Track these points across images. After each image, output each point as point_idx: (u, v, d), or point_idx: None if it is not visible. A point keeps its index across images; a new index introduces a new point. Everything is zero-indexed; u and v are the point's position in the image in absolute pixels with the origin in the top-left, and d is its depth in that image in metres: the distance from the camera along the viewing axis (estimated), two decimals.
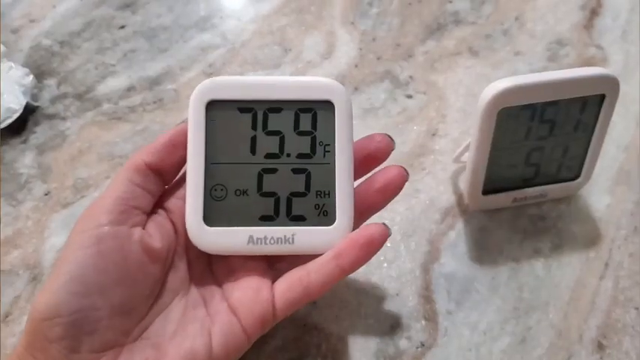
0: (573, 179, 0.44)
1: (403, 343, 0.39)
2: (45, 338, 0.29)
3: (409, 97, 0.52)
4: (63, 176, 0.47)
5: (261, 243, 0.34)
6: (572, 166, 0.43)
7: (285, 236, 0.34)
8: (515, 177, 0.43)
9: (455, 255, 0.43)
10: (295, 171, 0.34)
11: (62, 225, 0.45)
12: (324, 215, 0.34)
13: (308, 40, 0.57)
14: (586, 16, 0.58)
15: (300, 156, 0.34)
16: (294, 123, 0.34)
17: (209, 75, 0.54)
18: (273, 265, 0.35)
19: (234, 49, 0.56)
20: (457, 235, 0.44)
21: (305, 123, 0.35)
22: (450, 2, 0.60)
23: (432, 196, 0.46)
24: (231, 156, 0.34)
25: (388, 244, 0.43)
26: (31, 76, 0.52)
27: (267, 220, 0.34)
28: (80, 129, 0.51)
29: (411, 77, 0.54)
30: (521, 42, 0.56)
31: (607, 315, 0.40)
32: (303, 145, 0.35)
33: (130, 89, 0.53)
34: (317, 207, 0.34)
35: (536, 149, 0.42)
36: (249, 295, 0.33)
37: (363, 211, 0.35)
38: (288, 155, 0.34)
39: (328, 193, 0.34)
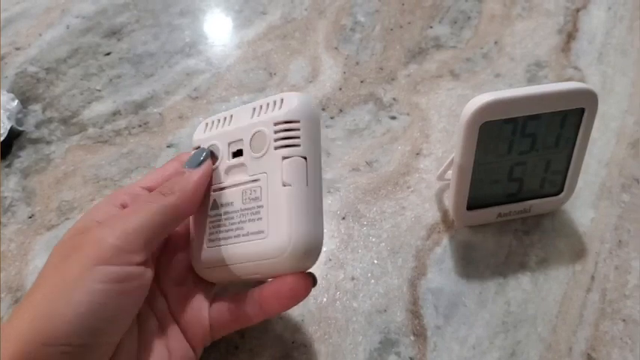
0: (556, 194, 0.44)
1: (392, 358, 0.38)
2: None
3: (393, 118, 0.53)
4: (47, 199, 0.47)
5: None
6: (554, 181, 0.44)
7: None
8: (499, 192, 0.43)
9: (441, 270, 0.43)
10: None
11: (46, 247, 0.44)
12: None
13: (293, 65, 0.58)
14: (563, 40, 0.60)
15: None
16: None
17: (194, 99, 0.55)
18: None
19: (219, 74, 0.57)
20: (443, 250, 0.44)
21: None
22: (431, 27, 0.61)
23: (417, 213, 0.46)
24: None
25: (375, 260, 0.43)
26: (16, 101, 0.52)
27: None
28: (65, 152, 0.50)
29: (394, 99, 0.54)
30: (501, 64, 0.57)
31: (595, 327, 0.40)
32: None
33: (116, 113, 0.53)
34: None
35: (518, 164, 0.42)
36: (194, 315, 0.34)
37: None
38: None
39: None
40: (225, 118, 0.36)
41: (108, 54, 0.59)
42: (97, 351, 0.28)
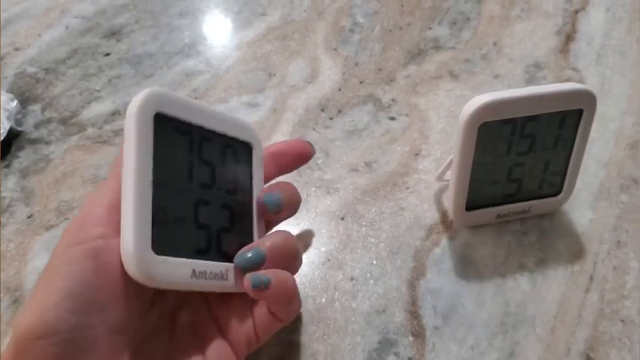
0: (555, 195, 0.44)
1: (391, 359, 0.38)
2: (36, 359, 0.27)
3: (392, 119, 0.53)
4: (46, 199, 0.47)
5: (202, 277, 0.31)
6: (553, 182, 0.44)
7: (221, 272, 0.32)
8: (497, 193, 0.43)
9: (440, 271, 0.43)
10: (223, 206, 0.34)
11: (45, 247, 0.44)
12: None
13: (292, 66, 0.58)
14: (562, 41, 0.60)
15: (227, 192, 0.34)
16: (222, 157, 0.35)
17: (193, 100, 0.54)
18: None
19: (218, 75, 0.57)
20: (442, 251, 0.44)
21: (231, 159, 0.35)
22: (430, 29, 0.61)
23: (416, 213, 0.46)
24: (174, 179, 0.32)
25: (374, 261, 0.43)
26: (16, 102, 0.52)
27: (202, 253, 0.32)
28: (64, 153, 0.50)
29: (393, 100, 0.54)
30: (500, 66, 0.57)
31: (594, 328, 0.40)
32: (230, 180, 0.35)
33: (115, 114, 0.53)
34: (239, 245, 0.34)
35: (517, 165, 0.42)
36: (237, 316, 0.33)
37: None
38: (219, 189, 0.34)
39: (250, 232, 0.35)
40: None
41: (107, 54, 0.59)
42: (87, 335, 0.28)
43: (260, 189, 0.36)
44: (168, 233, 0.30)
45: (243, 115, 0.53)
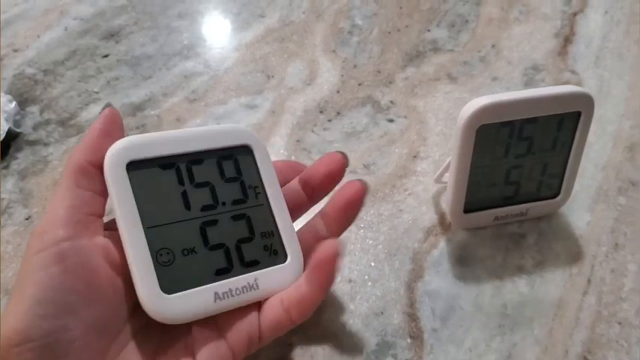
0: (553, 197, 0.45)
1: None
2: None
3: (390, 121, 0.53)
4: (45, 201, 0.47)
5: (227, 297, 0.32)
6: (551, 185, 0.44)
7: (248, 283, 0.33)
8: (495, 195, 0.44)
9: (438, 273, 0.43)
10: (235, 218, 0.34)
11: None
12: (275, 254, 0.34)
13: (291, 68, 0.58)
14: (560, 44, 0.60)
15: (235, 202, 0.34)
16: (219, 171, 0.34)
17: (192, 101, 0.55)
18: None
19: (217, 76, 0.57)
20: (440, 253, 0.44)
21: (229, 169, 0.34)
22: (428, 31, 0.62)
23: (414, 215, 0.46)
24: (168, 215, 0.32)
25: (372, 263, 0.43)
26: (14, 103, 0.52)
27: (223, 272, 0.33)
28: (63, 154, 0.50)
29: (392, 102, 0.54)
30: (498, 68, 0.58)
31: (591, 330, 0.40)
32: (235, 191, 0.34)
33: None
34: (266, 248, 0.34)
35: (515, 167, 0.42)
36: (240, 313, 0.33)
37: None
38: (224, 204, 0.34)
39: (272, 232, 0.34)
40: None
41: (106, 56, 0.59)
42: (62, 339, 0.27)
43: (274, 183, 0.36)
44: (175, 269, 0.31)
45: (241, 116, 0.53)
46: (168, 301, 0.30)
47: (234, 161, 0.35)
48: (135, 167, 0.31)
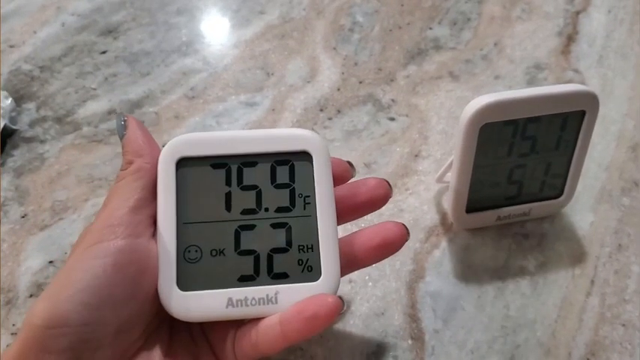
0: (556, 197, 0.44)
1: None
2: (43, 349, 0.26)
3: (392, 119, 0.52)
4: (40, 199, 0.46)
5: (240, 305, 0.31)
6: (554, 184, 0.44)
7: (267, 295, 0.31)
8: (498, 195, 0.43)
9: (440, 273, 0.42)
10: (275, 226, 0.33)
11: (39, 247, 0.43)
12: (309, 271, 0.32)
13: (291, 65, 0.57)
14: (563, 42, 0.59)
15: (278, 210, 0.33)
16: (270, 176, 0.33)
17: (190, 98, 0.54)
18: None
19: (216, 73, 0.56)
20: (442, 253, 0.43)
21: (282, 175, 0.33)
22: (430, 29, 0.61)
23: (416, 215, 0.45)
24: (206, 214, 0.32)
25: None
26: (10, 99, 0.52)
27: (247, 280, 0.32)
28: (59, 152, 0.50)
29: (393, 100, 0.54)
30: (501, 66, 0.57)
31: (595, 332, 0.40)
32: (282, 198, 0.33)
33: (111, 112, 0.53)
34: (300, 262, 0.32)
35: (518, 167, 0.42)
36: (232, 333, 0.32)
37: (351, 266, 0.34)
38: (267, 210, 0.33)
39: (311, 247, 0.32)
40: None
41: (103, 52, 0.58)
42: (97, 332, 0.28)
43: (328, 195, 0.33)
44: (199, 268, 0.31)
45: (241, 114, 0.52)
46: (180, 297, 0.30)
47: (290, 167, 0.33)
48: (185, 164, 0.32)
